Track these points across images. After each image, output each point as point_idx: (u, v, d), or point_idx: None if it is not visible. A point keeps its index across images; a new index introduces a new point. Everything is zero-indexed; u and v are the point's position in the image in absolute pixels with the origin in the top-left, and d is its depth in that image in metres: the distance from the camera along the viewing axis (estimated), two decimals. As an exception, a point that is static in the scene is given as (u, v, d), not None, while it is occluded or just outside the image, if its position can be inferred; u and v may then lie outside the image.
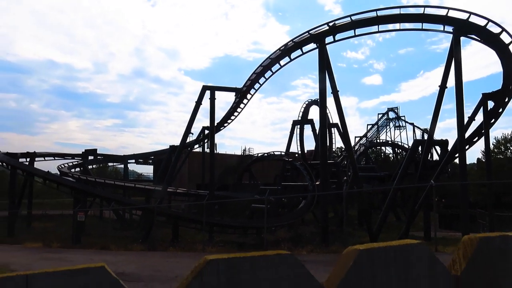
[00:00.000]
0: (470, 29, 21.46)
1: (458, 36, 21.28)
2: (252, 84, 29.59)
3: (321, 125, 23.55)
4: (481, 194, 31.65)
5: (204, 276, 1.91)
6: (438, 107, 22.21)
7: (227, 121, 33.96)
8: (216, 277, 1.95)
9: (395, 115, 56.07)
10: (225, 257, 2.02)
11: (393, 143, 49.66)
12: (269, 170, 40.75)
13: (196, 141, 39.87)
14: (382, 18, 22.66)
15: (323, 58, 22.91)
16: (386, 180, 34.22)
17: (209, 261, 1.93)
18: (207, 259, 1.94)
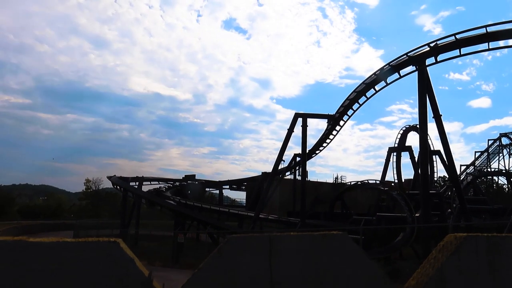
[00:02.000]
0: None
1: None
2: (345, 110, 28.81)
3: (421, 152, 21.90)
4: None
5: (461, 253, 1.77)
6: None
7: (318, 149, 33.39)
8: (475, 256, 1.80)
9: (510, 141, 50.13)
10: (484, 235, 1.88)
11: (508, 173, 44.15)
12: (363, 200, 38.83)
13: (288, 168, 39.80)
14: (492, 34, 20.61)
15: (423, 80, 21.54)
16: (500, 214, 30.29)
17: (466, 237, 1.73)
18: (459, 236, 1.76)
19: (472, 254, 1.73)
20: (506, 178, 44.99)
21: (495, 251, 1.82)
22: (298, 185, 33.29)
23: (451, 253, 1.84)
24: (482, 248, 1.73)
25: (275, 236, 3.33)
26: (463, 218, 23.14)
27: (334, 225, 28.93)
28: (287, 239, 3.63)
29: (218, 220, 33.37)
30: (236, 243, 3.25)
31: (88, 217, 47.92)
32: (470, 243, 1.66)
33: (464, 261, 1.75)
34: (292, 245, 3.49)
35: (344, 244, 3.46)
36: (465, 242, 1.66)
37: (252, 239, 3.41)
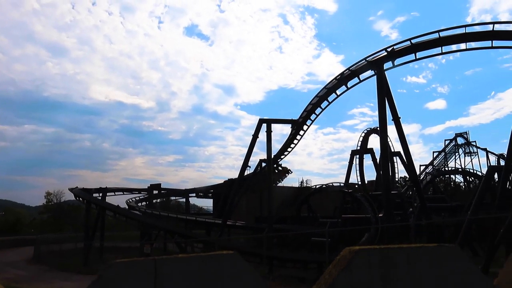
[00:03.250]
0: (547, 44, 19.75)
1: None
2: (308, 115, 29.22)
3: (382, 154, 22.49)
4: None
5: (353, 268, 1.68)
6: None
7: (283, 153, 33.66)
8: (367, 270, 1.71)
9: (465, 140, 52.54)
10: (376, 248, 1.80)
11: (464, 171, 46.16)
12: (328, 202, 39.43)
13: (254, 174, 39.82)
14: (445, 39, 21.55)
15: (382, 84, 22.17)
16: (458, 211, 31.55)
17: (358, 251, 1.66)
18: (353, 249, 1.69)
19: (364, 268, 1.70)
20: (462, 176, 47.04)
21: (388, 264, 1.79)
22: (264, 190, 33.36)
23: (343, 268, 1.80)
24: (375, 261, 1.70)
25: (161, 259, 3.13)
26: (424, 217, 23.91)
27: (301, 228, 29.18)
28: (174, 262, 3.45)
29: (186, 229, 32.90)
30: (119, 269, 3.08)
31: (50, 231, 46.00)
32: (362, 256, 1.63)
33: (357, 275, 1.72)
34: (180, 267, 3.32)
35: (235, 265, 3.36)
36: (357, 256, 1.63)
37: (136, 264, 3.20)
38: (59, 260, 28.81)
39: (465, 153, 52.23)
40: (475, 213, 22.92)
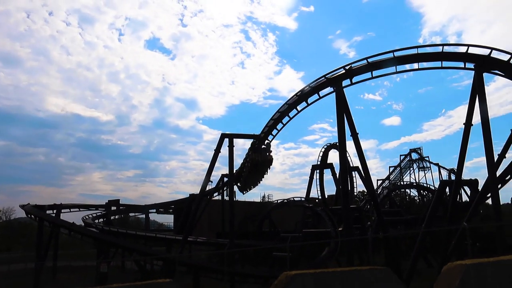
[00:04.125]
0: (493, 65, 21.05)
1: (481, 73, 20.87)
2: (270, 130, 29.44)
3: (341, 169, 23.02)
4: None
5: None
6: (465, 145, 21.40)
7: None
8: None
9: (418, 156, 54.80)
10: (311, 272, 1.76)
11: (418, 185, 48.05)
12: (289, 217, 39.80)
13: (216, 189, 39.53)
14: (399, 58, 22.59)
15: (340, 101, 22.80)
16: (413, 224, 32.71)
17: (293, 276, 1.62)
18: (289, 274, 1.65)
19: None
20: (416, 190, 48.95)
21: (322, 287, 1.80)
22: (226, 205, 33.14)
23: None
24: (310, 285, 1.69)
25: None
26: (381, 230, 24.55)
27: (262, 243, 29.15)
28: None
29: (145, 246, 31.96)
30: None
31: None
32: (298, 281, 1.64)
33: (293, 299, 1.71)
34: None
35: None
36: (293, 281, 1.64)
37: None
38: (7, 282, 27.12)
39: (419, 168, 54.45)
40: (429, 225, 23.85)
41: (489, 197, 21.80)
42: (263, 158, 28.16)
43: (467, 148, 21.31)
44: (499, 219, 19.28)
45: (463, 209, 24.98)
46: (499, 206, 20.41)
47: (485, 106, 20.11)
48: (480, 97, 20.26)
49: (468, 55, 20.95)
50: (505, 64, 20.50)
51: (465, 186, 30.24)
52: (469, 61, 21.20)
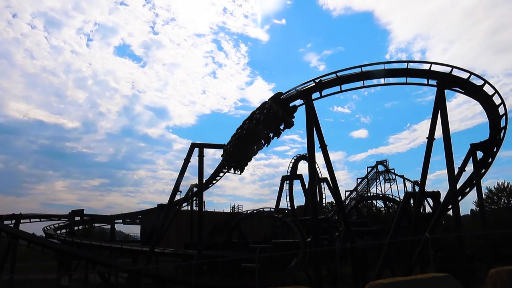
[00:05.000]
0: (454, 82, 21.97)
1: (442, 89, 21.74)
2: (240, 140, 29.53)
3: (310, 180, 23.25)
4: (478, 247, 30.91)
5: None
6: (428, 159, 22.17)
7: (215, 178, 33.55)
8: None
9: (385, 168, 56.25)
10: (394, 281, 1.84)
11: (384, 196, 49.24)
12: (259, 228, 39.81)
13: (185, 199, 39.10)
14: (366, 73, 23.20)
15: (310, 113, 23.13)
16: (379, 235, 33.43)
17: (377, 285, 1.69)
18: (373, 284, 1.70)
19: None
20: (383, 201, 50.14)
21: None
22: (195, 216, 32.80)
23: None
24: None
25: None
26: (348, 241, 24.95)
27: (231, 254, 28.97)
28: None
29: (110, 258, 31.07)
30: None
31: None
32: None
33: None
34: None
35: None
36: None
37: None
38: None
39: (385, 179, 55.85)
40: (394, 236, 24.47)
41: (450, 208, 22.65)
42: (283, 115, 24.11)
43: (429, 161, 22.07)
44: (459, 230, 20.00)
45: (426, 220, 25.80)
46: (459, 217, 21.20)
47: (446, 121, 20.95)
48: (441, 113, 21.11)
49: (431, 72, 21.82)
50: (464, 82, 21.49)
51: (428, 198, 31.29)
52: (431, 78, 22.08)
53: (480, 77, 21.73)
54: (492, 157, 24.01)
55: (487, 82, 21.56)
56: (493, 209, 37.85)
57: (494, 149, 23.70)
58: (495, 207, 38.73)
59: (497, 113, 22.31)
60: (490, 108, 22.44)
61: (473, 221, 39.48)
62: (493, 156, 23.96)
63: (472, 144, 24.13)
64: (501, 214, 36.40)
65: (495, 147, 23.62)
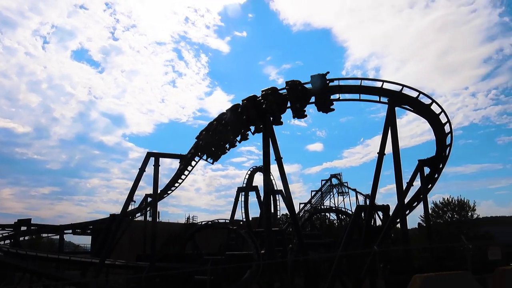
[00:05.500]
0: (404, 100, 23.04)
1: (393, 106, 22.76)
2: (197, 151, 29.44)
3: (265, 192, 23.51)
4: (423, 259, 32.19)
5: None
6: (378, 173, 23.05)
7: (170, 189, 33.10)
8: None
9: (338, 181, 57.68)
10: None
11: (337, 209, 50.38)
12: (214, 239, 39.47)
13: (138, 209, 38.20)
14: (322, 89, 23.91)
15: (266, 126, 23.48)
16: (332, 247, 34.09)
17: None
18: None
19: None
20: (336, 214, 51.30)
21: None
22: (149, 226, 32.08)
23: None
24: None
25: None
26: (301, 253, 25.29)
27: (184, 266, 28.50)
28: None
29: (57, 270, 29.62)
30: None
31: None
32: None
33: None
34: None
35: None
36: None
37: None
38: None
39: (338, 192, 57.28)
40: (345, 249, 25.09)
41: (399, 222, 23.59)
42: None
43: (380, 175, 22.96)
44: (406, 243, 20.86)
45: (376, 232, 26.60)
46: (407, 231, 22.15)
47: (396, 138, 21.94)
48: (392, 129, 22.09)
49: (383, 90, 22.81)
50: (414, 100, 22.63)
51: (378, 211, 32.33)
52: (383, 96, 23.09)
53: (428, 96, 22.96)
54: (438, 173, 25.26)
55: (434, 101, 22.80)
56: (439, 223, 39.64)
57: (440, 165, 24.95)
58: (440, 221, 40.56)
59: (443, 131, 23.59)
60: (437, 126, 23.68)
61: (420, 234, 41.15)
62: (439, 172, 25.22)
63: (420, 160, 25.30)
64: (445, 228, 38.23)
65: (441, 164, 24.89)
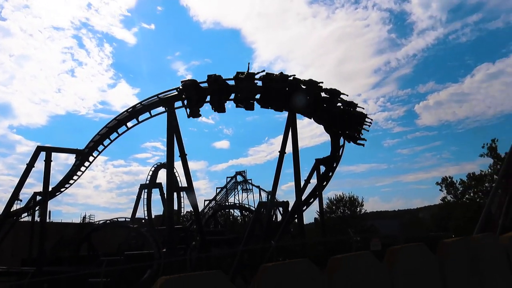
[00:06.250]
0: (303, 104, 24.31)
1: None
2: (96, 146, 27.63)
3: (168, 189, 23.04)
4: (318, 252, 34.44)
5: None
6: (279, 171, 24.05)
7: (64, 186, 30.55)
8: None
9: (243, 178, 58.82)
10: None
11: (240, 206, 51.38)
12: (114, 239, 37.50)
13: (25, 208, 34.61)
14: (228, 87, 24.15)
15: (171, 122, 23.02)
16: (234, 243, 34.70)
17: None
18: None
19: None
20: (239, 210, 52.31)
21: None
22: (37, 227, 29.29)
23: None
24: None
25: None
26: (204, 250, 25.29)
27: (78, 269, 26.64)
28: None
29: None
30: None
31: None
32: None
33: None
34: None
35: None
36: None
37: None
38: None
39: (242, 189, 58.41)
40: (247, 244, 25.75)
41: (296, 217, 24.88)
42: None
43: (280, 173, 23.97)
44: (302, 237, 22.07)
45: (277, 228, 27.75)
46: (303, 226, 23.46)
47: (296, 138, 23.11)
48: (292, 130, 23.21)
49: (285, 92, 23.84)
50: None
51: (279, 207, 33.78)
52: (285, 98, 24.12)
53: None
54: (332, 171, 27.22)
55: (330, 105, 24.50)
56: (332, 218, 42.78)
57: (334, 164, 26.92)
58: (333, 216, 43.82)
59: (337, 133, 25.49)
60: (331, 129, 25.53)
61: (316, 229, 44.00)
62: (333, 170, 27.18)
63: (316, 159, 26.99)
64: (337, 222, 41.42)
65: (335, 163, 26.86)
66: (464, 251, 1.89)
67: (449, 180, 42.95)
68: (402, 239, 24.82)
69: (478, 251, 1.97)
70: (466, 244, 1.90)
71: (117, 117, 26.50)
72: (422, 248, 1.68)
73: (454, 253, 1.82)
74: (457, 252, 1.83)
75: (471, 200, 40.40)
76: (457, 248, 1.86)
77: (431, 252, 1.67)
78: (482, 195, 37.48)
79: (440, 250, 1.82)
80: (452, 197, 42.64)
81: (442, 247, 1.83)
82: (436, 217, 50.81)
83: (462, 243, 1.91)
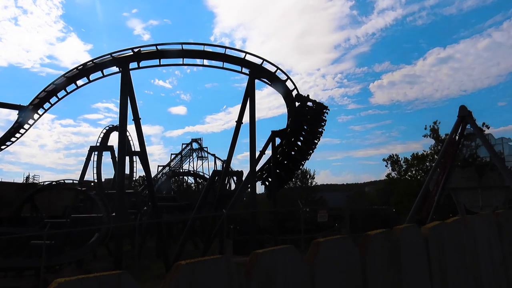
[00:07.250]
0: (263, 74, 24.18)
1: (253, 78, 23.67)
2: (41, 103, 26.02)
3: (119, 152, 22.34)
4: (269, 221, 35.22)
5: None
6: (235, 140, 23.98)
7: (5, 143, 28.76)
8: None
9: (199, 146, 58.39)
10: None
11: (195, 173, 51.23)
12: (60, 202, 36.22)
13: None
14: (187, 52, 23.40)
15: (125, 83, 22.09)
16: (187, 210, 34.69)
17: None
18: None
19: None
20: (193, 178, 52.16)
21: None
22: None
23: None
24: None
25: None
26: (155, 215, 25.07)
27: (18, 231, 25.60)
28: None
29: None
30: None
31: None
32: None
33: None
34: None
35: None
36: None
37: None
38: None
39: (198, 157, 58.11)
40: (199, 211, 25.79)
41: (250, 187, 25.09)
42: None
43: (236, 143, 23.93)
44: (254, 206, 22.38)
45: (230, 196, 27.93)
46: (255, 196, 23.74)
47: (253, 109, 22.96)
48: (250, 100, 23.02)
49: (245, 61, 23.51)
50: (271, 74, 23.99)
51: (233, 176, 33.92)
52: (245, 67, 23.83)
53: (284, 73, 24.57)
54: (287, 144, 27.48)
55: (289, 78, 24.57)
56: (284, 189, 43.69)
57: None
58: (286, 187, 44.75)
59: (294, 106, 25.61)
60: (289, 101, 25.62)
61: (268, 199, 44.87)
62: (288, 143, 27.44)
63: (272, 131, 27.09)
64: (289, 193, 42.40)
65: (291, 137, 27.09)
66: (385, 242, 1.94)
67: (395, 158, 45.10)
68: (347, 211, 25.95)
69: (399, 243, 2.03)
70: (387, 235, 1.94)
71: (66, 74, 24.97)
72: (345, 241, 1.67)
73: (375, 244, 1.85)
74: (378, 243, 1.87)
75: (412, 178, 42.78)
76: (378, 240, 1.89)
77: (354, 244, 1.70)
78: (423, 173, 39.68)
79: (362, 243, 1.85)
80: (396, 174, 44.85)
81: (364, 239, 1.86)
82: (380, 192, 53.46)
83: (383, 235, 1.94)
